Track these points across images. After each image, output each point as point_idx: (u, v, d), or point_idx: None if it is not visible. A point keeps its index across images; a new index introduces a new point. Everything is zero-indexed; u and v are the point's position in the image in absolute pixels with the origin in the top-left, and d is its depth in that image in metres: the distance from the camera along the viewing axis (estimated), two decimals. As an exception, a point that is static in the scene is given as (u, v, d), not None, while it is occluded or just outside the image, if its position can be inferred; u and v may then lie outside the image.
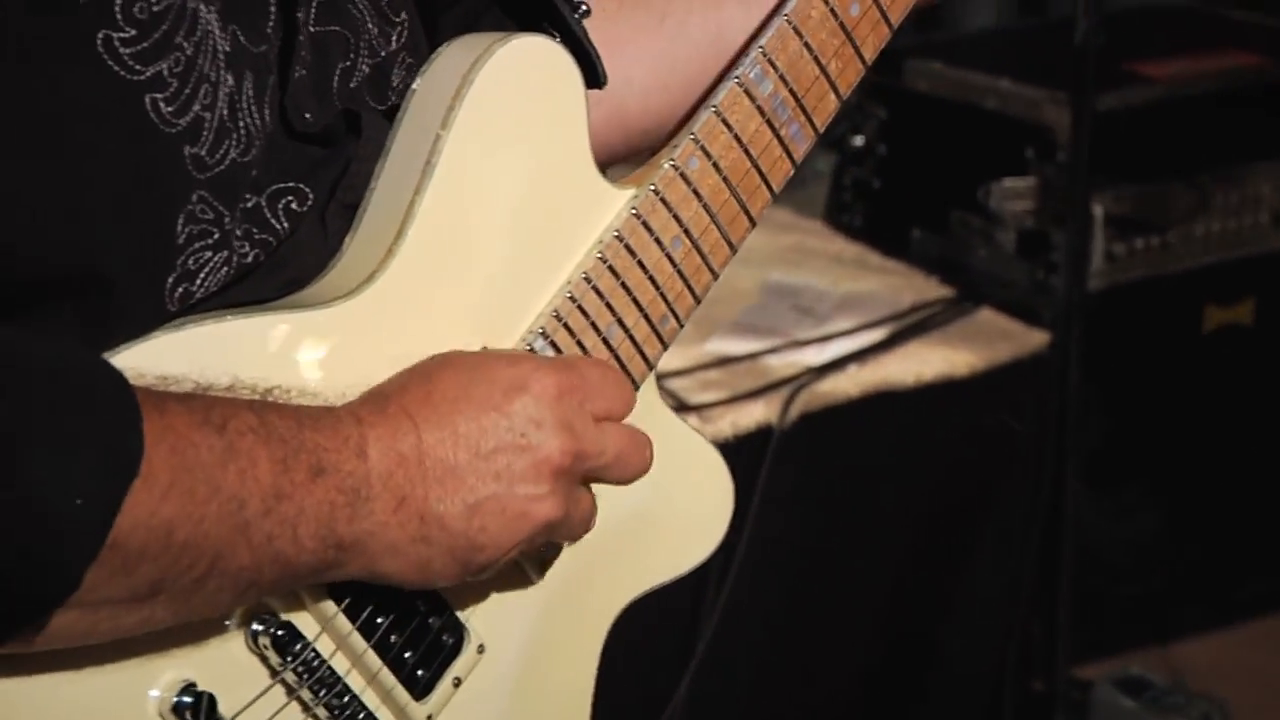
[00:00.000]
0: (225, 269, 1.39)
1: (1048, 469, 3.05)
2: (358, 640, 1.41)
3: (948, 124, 3.47)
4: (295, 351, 1.41)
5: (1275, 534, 3.72)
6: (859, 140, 3.49)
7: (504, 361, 1.44)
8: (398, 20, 1.53)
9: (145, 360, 1.32)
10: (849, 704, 3.08)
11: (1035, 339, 3.14)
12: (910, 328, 3.12)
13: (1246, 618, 3.67)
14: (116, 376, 1.27)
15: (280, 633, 1.38)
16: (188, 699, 1.35)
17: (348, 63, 1.49)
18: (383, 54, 1.51)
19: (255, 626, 1.38)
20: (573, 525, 1.46)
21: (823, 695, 3.03)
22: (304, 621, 1.38)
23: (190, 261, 1.37)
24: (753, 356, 2.92)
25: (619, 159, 1.64)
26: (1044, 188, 3.36)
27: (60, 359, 1.27)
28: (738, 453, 1.61)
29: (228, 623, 1.37)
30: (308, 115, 1.44)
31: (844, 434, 2.96)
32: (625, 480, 1.49)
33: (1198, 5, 3.99)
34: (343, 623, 1.41)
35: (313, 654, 1.39)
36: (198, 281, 1.38)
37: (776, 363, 2.94)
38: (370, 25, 1.51)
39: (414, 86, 1.49)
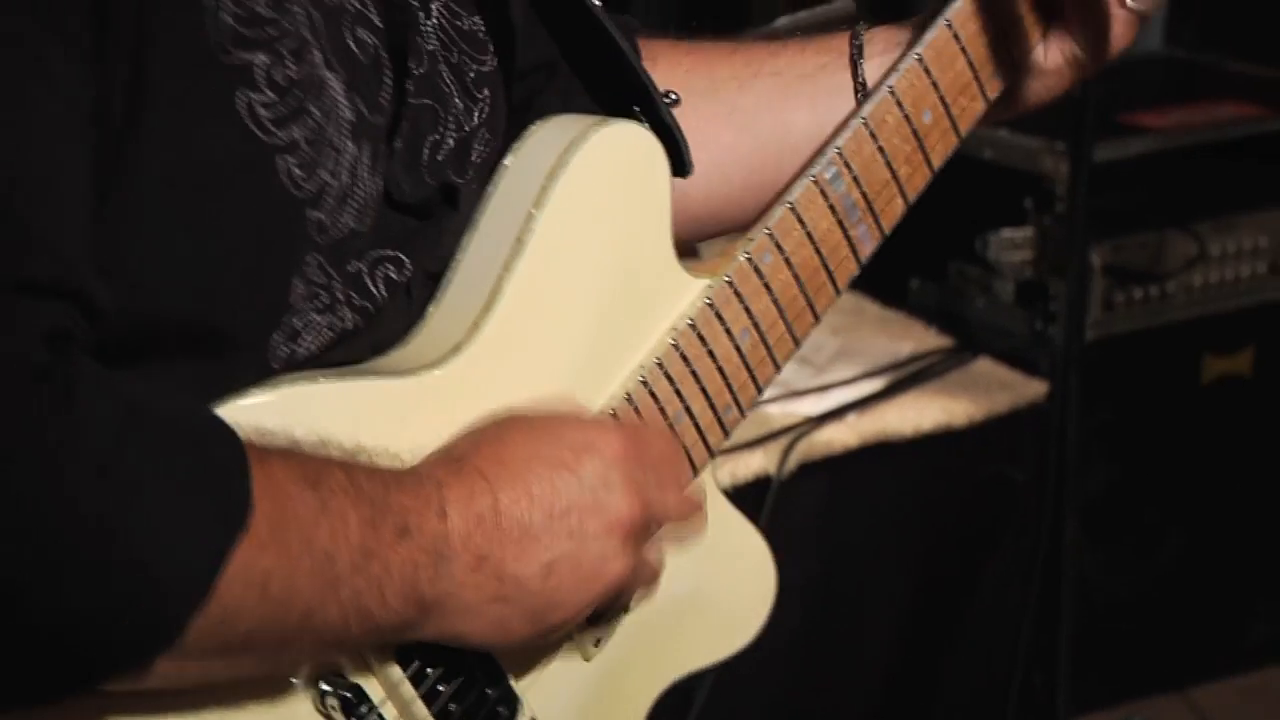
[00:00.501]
0: (328, 333, 1.43)
1: (1047, 519, 3.06)
2: (420, 708, 1.43)
3: (945, 174, 3.48)
4: (382, 419, 1.43)
5: (1276, 584, 3.72)
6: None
7: (571, 422, 1.47)
8: (480, 97, 1.55)
9: (241, 415, 1.34)
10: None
11: (1034, 389, 3.15)
12: (908, 377, 3.12)
13: (1250, 667, 3.67)
14: (228, 429, 1.30)
15: (348, 695, 1.39)
16: None
17: (436, 135, 1.51)
18: (467, 128, 1.54)
19: (324, 687, 1.39)
20: (641, 584, 1.49)
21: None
22: (371, 685, 1.40)
23: (298, 322, 1.41)
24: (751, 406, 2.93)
25: (677, 242, 1.66)
26: (1042, 238, 3.37)
27: (175, 408, 1.30)
28: (736, 502, 1.62)
29: (296, 681, 1.39)
30: (404, 187, 1.47)
31: (843, 484, 2.97)
32: (681, 526, 1.52)
33: (1194, 56, 4.00)
34: (408, 689, 1.42)
35: (378, 718, 1.40)
36: (301, 343, 1.41)
37: (775, 412, 2.93)
38: (457, 100, 1.53)
39: (505, 162, 1.51)
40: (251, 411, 1.36)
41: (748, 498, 2.77)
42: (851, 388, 3.03)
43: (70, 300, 1.28)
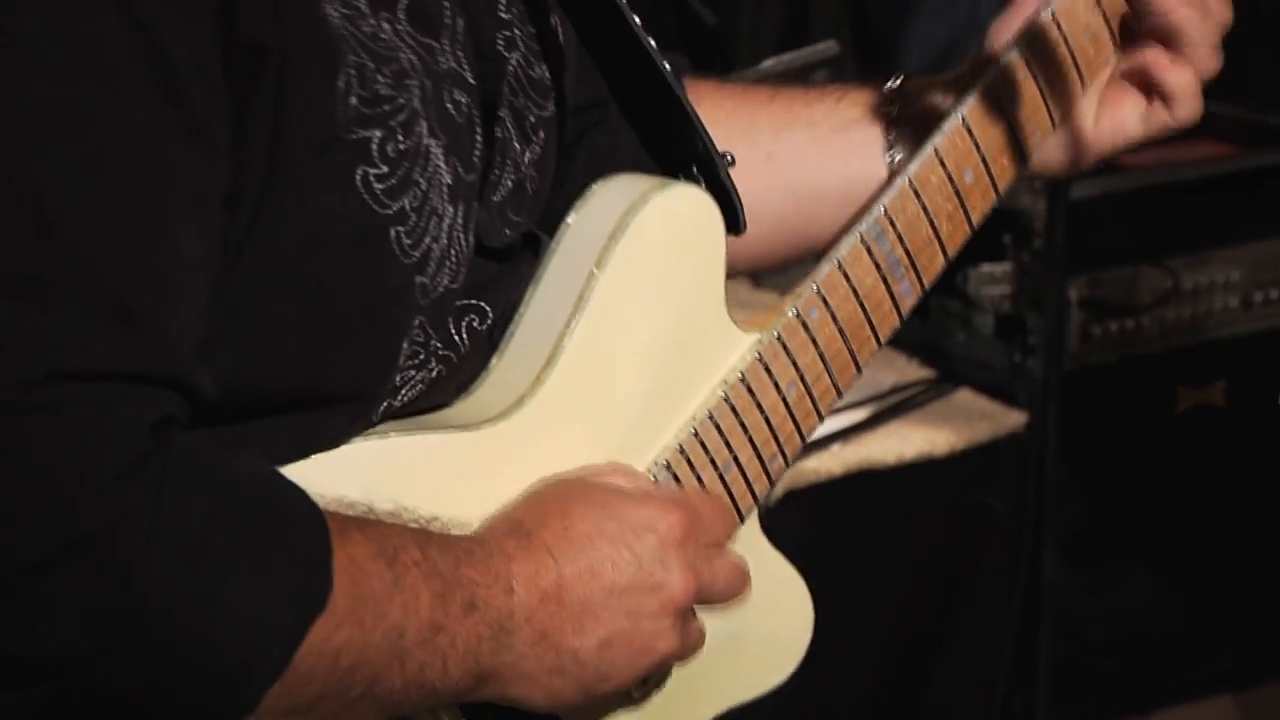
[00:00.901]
0: (420, 386, 1.46)
1: (1026, 546, 3.07)
2: None
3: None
4: (448, 472, 1.46)
5: (1244, 611, 3.69)
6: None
7: (634, 501, 1.49)
8: (535, 139, 1.57)
9: (318, 476, 1.38)
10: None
11: (1013, 419, 3.16)
12: (892, 408, 3.13)
13: (1218, 689, 3.66)
14: (312, 510, 1.34)
15: None
16: None
17: (495, 175, 1.53)
18: (522, 169, 1.56)
19: None
20: (686, 654, 1.52)
21: (807, 769, 3.06)
22: None
23: (399, 379, 1.44)
24: (740, 436, 2.93)
25: None
26: (1020, 273, 3.36)
27: (263, 490, 1.33)
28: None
29: None
30: (490, 231, 1.49)
31: (828, 511, 2.97)
32: (727, 601, 1.55)
33: None
34: None
35: None
36: (399, 397, 1.45)
37: (762, 442, 2.97)
38: (515, 144, 1.55)
39: (568, 220, 1.54)
40: (328, 466, 1.40)
41: (736, 525, 2.81)
42: (836, 418, 3.00)
43: (177, 392, 1.30)
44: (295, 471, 1.39)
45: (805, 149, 1.71)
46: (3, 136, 1.25)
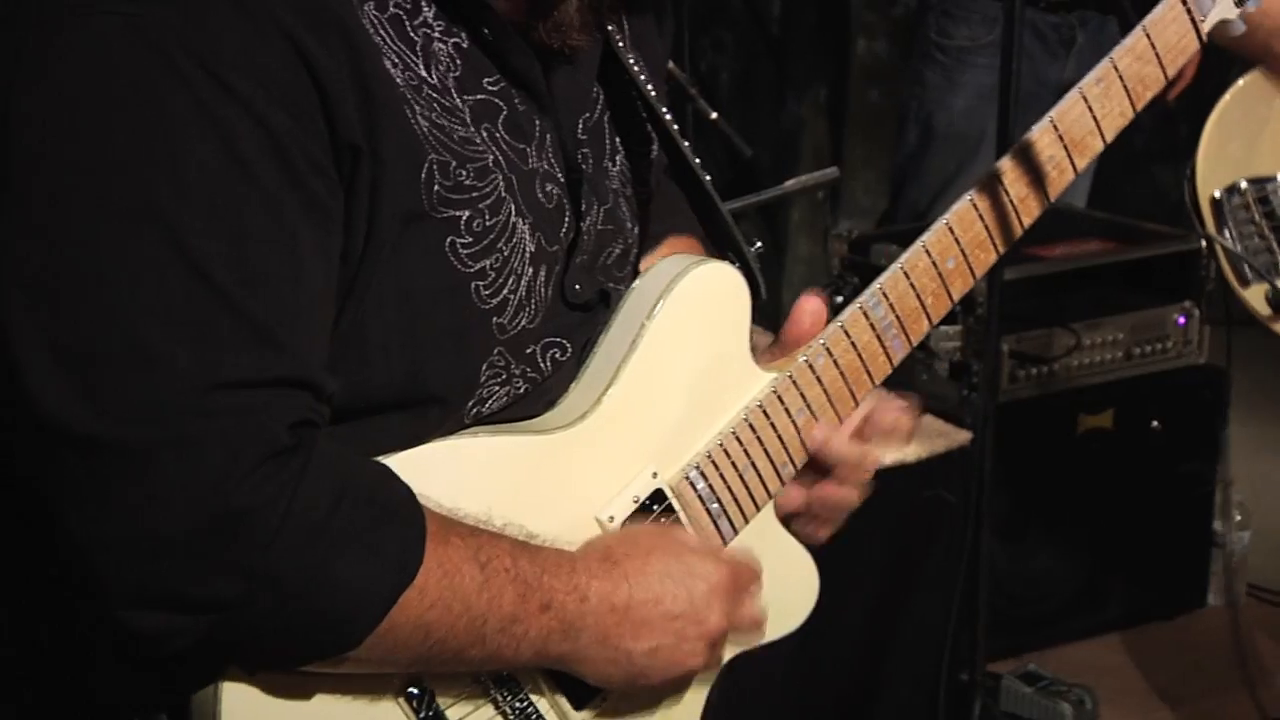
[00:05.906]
0: (505, 399, 1.54)
1: (970, 527, 3.22)
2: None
3: (901, 290, 3.50)
4: (523, 464, 1.54)
5: (1126, 573, 3.91)
6: (840, 299, 3.50)
7: (698, 555, 1.57)
8: (639, 215, 1.69)
9: (426, 462, 1.45)
10: (834, 695, 3.30)
11: (961, 436, 3.34)
12: None
13: (1107, 630, 3.94)
14: (415, 508, 1.41)
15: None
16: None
17: (611, 247, 1.63)
18: (630, 240, 1.66)
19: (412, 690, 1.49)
20: (709, 670, 1.61)
21: (812, 691, 3.25)
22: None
23: (484, 392, 1.52)
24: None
25: None
26: (967, 332, 3.58)
27: (377, 491, 1.40)
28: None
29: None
30: (578, 287, 1.58)
31: None
32: (747, 641, 1.65)
33: (1074, 208, 4.15)
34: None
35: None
36: (485, 406, 1.53)
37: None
38: (628, 223, 1.66)
39: (633, 285, 1.63)
40: (432, 456, 1.46)
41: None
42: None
43: (309, 390, 1.37)
44: (409, 459, 1.45)
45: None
46: (171, 220, 1.31)
